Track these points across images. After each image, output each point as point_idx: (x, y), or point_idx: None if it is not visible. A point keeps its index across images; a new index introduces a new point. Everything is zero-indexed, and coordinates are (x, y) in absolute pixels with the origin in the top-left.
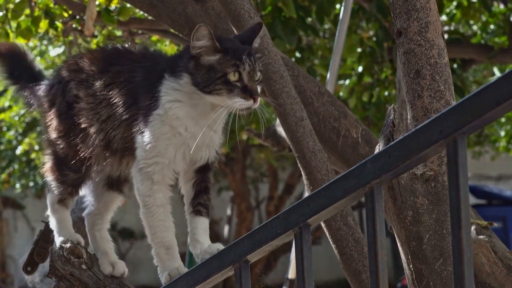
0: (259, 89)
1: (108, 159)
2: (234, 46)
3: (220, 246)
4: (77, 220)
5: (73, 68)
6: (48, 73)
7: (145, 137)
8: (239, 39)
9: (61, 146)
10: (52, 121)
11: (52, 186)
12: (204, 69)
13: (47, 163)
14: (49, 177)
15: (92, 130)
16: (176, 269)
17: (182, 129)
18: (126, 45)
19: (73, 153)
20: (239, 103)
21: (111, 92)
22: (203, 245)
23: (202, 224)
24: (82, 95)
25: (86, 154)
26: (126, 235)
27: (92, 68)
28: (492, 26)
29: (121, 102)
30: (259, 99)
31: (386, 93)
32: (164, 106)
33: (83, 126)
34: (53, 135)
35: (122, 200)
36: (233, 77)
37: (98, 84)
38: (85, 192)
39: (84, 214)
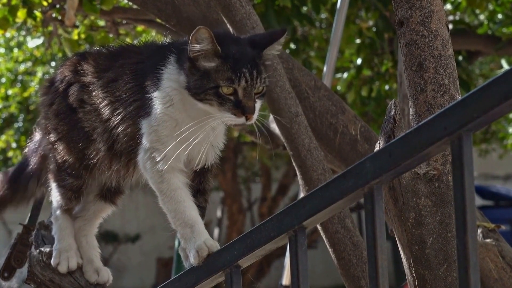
0: (258, 104)
1: (114, 166)
2: (237, 52)
3: None
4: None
5: (76, 69)
6: (27, 65)
7: (148, 121)
8: (250, 41)
9: (59, 151)
10: (50, 120)
11: (53, 191)
12: (198, 74)
13: (49, 166)
14: (51, 181)
15: (95, 133)
16: (203, 243)
17: (182, 123)
18: (132, 42)
19: (73, 160)
20: (228, 118)
21: (114, 87)
22: None
23: None
24: (86, 98)
25: (89, 161)
26: (110, 238)
27: (97, 69)
28: (499, 16)
29: (124, 94)
30: (254, 116)
31: (386, 87)
32: (165, 91)
33: (86, 130)
34: (52, 137)
35: (113, 209)
36: (226, 90)
37: (101, 82)
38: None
39: (73, 213)
